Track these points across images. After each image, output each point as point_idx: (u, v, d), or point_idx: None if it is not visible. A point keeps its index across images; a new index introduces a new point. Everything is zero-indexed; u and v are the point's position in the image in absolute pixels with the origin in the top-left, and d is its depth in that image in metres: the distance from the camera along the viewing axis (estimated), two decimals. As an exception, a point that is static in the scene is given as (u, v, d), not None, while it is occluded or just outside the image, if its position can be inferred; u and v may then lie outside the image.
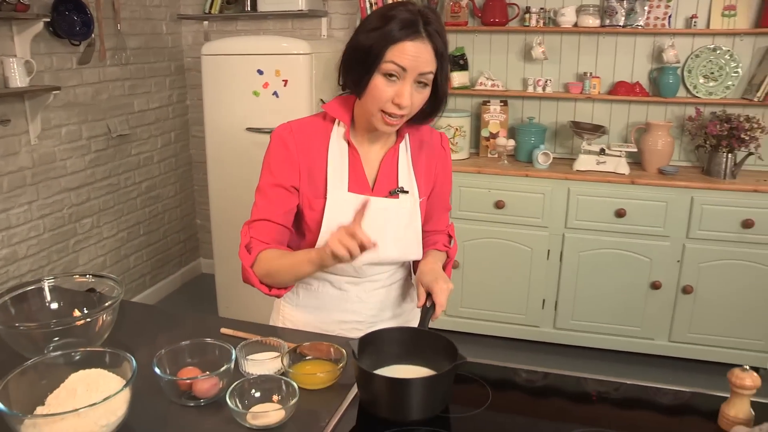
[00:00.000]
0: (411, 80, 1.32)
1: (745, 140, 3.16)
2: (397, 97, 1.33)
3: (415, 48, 1.29)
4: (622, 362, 3.40)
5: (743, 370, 1.10)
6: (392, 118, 1.36)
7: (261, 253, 1.44)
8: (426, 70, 1.32)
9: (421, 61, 1.30)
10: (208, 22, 4.10)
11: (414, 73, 1.31)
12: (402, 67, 1.30)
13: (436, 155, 1.59)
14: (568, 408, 1.29)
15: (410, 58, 1.29)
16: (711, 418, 1.18)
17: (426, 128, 1.56)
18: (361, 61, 1.33)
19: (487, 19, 3.50)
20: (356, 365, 1.20)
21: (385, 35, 1.29)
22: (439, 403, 1.22)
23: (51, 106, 3.15)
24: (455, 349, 1.24)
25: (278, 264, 1.42)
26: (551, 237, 3.33)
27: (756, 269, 3.11)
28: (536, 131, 3.55)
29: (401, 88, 1.32)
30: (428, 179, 1.57)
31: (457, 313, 3.53)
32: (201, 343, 1.31)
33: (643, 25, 3.34)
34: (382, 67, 1.31)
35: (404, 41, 1.29)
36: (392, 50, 1.29)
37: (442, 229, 1.68)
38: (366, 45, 1.32)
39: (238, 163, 3.49)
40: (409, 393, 1.18)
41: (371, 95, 1.35)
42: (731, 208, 3.08)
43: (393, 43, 1.29)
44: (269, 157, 1.49)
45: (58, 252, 3.35)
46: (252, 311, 3.60)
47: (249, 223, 1.49)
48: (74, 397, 1.12)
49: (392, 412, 1.19)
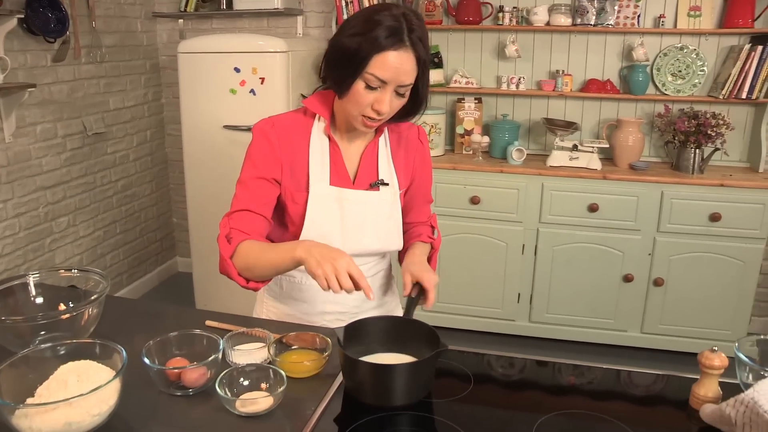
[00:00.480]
0: (391, 89, 1.35)
1: (712, 136, 3.26)
2: (376, 104, 1.36)
3: (398, 58, 1.32)
4: (596, 354, 3.47)
5: (712, 351, 1.16)
6: (371, 121, 1.40)
7: (241, 244, 1.42)
8: (406, 82, 1.35)
9: (402, 72, 1.33)
10: (183, 20, 4.09)
11: (394, 83, 1.34)
12: (382, 80, 1.33)
13: (414, 148, 1.63)
14: (545, 393, 1.34)
15: (392, 70, 1.32)
16: (683, 397, 1.24)
17: (404, 123, 1.60)
18: (343, 64, 1.35)
19: (461, 17, 3.55)
20: (341, 352, 1.24)
21: (368, 42, 1.31)
22: (422, 389, 1.25)
23: (26, 103, 3.13)
24: (437, 337, 1.28)
25: (259, 257, 1.40)
26: (526, 232, 3.40)
27: (723, 261, 3.21)
28: (510, 128, 3.61)
29: (381, 96, 1.35)
30: (407, 172, 1.61)
31: (433, 308, 3.54)
32: (188, 334, 1.33)
33: (614, 24, 3.42)
34: (364, 76, 1.33)
35: (388, 50, 1.31)
36: (375, 60, 1.31)
37: (425, 221, 1.72)
38: (350, 49, 1.33)
39: (215, 161, 3.50)
40: (393, 379, 1.22)
41: (352, 99, 1.38)
42: (699, 202, 3.17)
43: (376, 52, 1.31)
44: (252, 150, 1.50)
45: (34, 251, 3.33)
46: (229, 309, 3.59)
47: (229, 215, 1.48)
48: (65, 387, 1.13)
49: (376, 398, 1.23)
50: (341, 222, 1.50)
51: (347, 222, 1.51)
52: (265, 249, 1.41)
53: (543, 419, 1.19)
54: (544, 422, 1.19)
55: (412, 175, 1.63)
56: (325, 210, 1.49)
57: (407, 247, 1.64)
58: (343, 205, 1.50)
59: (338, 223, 1.50)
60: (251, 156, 1.49)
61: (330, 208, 1.49)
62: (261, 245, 1.42)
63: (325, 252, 1.29)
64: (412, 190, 1.64)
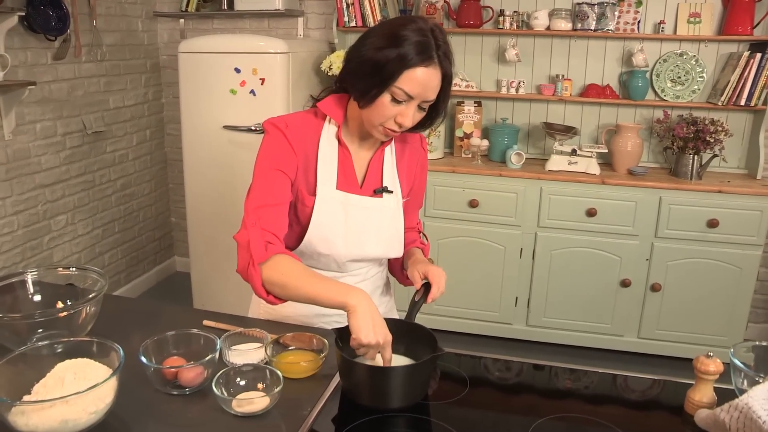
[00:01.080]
0: (416, 104, 1.37)
1: (710, 142, 3.27)
2: (400, 117, 1.37)
3: (427, 76, 1.33)
4: (592, 358, 3.48)
5: (708, 357, 1.17)
6: (392, 132, 1.41)
7: (278, 256, 1.36)
8: (430, 98, 1.37)
9: (429, 88, 1.35)
10: (184, 20, 4.10)
11: (420, 99, 1.36)
12: (410, 95, 1.34)
13: (416, 155, 1.64)
14: (541, 396, 1.34)
15: (420, 86, 1.33)
16: (678, 402, 1.25)
17: None
18: (371, 76, 1.34)
19: (461, 21, 3.56)
20: (338, 353, 1.24)
21: (400, 58, 1.31)
22: (419, 392, 1.26)
23: (25, 101, 3.13)
24: (435, 340, 1.29)
25: (301, 283, 1.34)
26: (524, 236, 3.40)
27: (720, 267, 3.22)
28: (509, 132, 3.61)
29: (405, 110, 1.36)
30: (409, 179, 1.62)
31: (431, 311, 3.58)
32: (186, 333, 1.33)
33: (614, 29, 3.43)
34: (392, 89, 1.34)
35: (418, 67, 1.32)
36: (405, 76, 1.32)
37: (413, 227, 1.72)
38: (378, 62, 1.32)
39: (214, 161, 3.50)
40: (390, 381, 1.22)
41: (376, 110, 1.37)
42: (697, 208, 3.18)
43: (407, 68, 1.31)
44: (268, 143, 1.46)
45: (32, 249, 3.33)
46: (227, 309, 3.59)
47: (256, 210, 1.39)
48: (62, 385, 1.13)
49: (373, 400, 1.23)
50: (345, 226, 1.51)
51: (351, 227, 1.51)
52: (309, 276, 1.35)
53: (538, 423, 1.20)
54: (540, 426, 1.19)
55: (413, 182, 1.64)
56: (331, 213, 1.49)
57: (404, 253, 1.65)
58: (348, 209, 1.50)
59: (342, 228, 1.50)
60: (269, 148, 1.46)
61: (335, 211, 1.49)
62: (302, 268, 1.37)
63: (378, 321, 1.26)
64: (410, 196, 1.66)
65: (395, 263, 1.71)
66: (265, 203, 1.41)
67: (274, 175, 1.43)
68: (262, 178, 1.44)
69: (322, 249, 1.51)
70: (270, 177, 1.43)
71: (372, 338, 1.23)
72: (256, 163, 1.47)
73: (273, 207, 1.41)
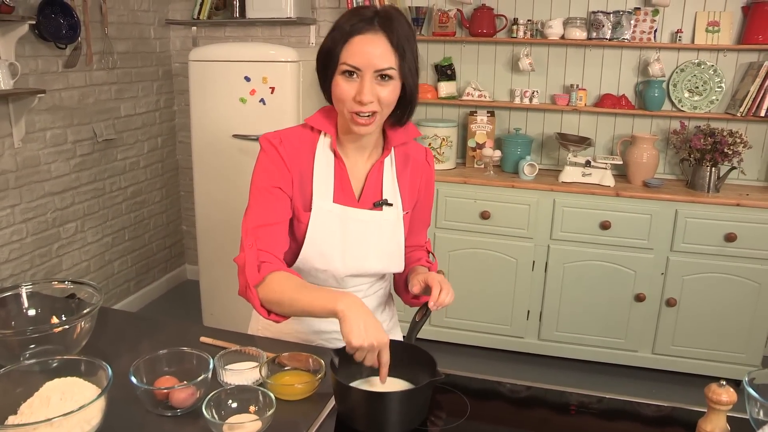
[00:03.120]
0: (369, 76, 1.31)
1: (729, 154, 3.19)
2: (357, 95, 1.32)
3: (366, 42, 1.30)
4: (605, 374, 3.41)
5: (720, 386, 1.11)
6: (361, 117, 1.34)
7: (271, 275, 1.35)
8: (382, 65, 1.31)
9: (375, 56, 1.30)
10: (196, 27, 4.09)
11: (370, 69, 1.31)
12: (355, 66, 1.31)
13: (421, 170, 1.58)
14: (547, 421, 1.29)
15: (361, 54, 1.30)
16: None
17: (412, 143, 1.57)
18: (323, 65, 1.37)
19: (475, 29, 3.52)
20: (333, 377, 1.20)
21: (338, 33, 1.33)
22: (416, 417, 1.21)
23: (36, 109, 3.13)
24: (435, 364, 1.24)
25: (293, 299, 1.31)
26: (536, 248, 3.34)
27: (738, 283, 3.13)
28: (522, 142, 3.56)
29: (360, 85, 1.32)
30: (412, 193, 1.57)
31: (441, 323, 3.53)
32: (179, 352, 1.30)
33: (629, 38, 3.37)
34: (339, 67, 1.33)
35: (354, 36, 1.30)
36: (345, 49, 1.31)
37: (421, 245, 1.67)
38: (325, 48, 1.35)
39: (224, 170, 3.48)
40: (386, 406, 1.18)
41: (336, 97, 1.36)
42: (714, 221, 3.11)
43: (345, 41, 1.31)
44: (263, 160, 1.44)
45: (40, 256, 3.32)
46: (236, 318, 3.59)
47: (253, 231, 1.38)
48: (48, 405, 1.11)
49: (369, 425, 1.19)
50: (342, 240, 1.46)
51: (349, 241, 1.46)
52: (301, 289, 1.32)
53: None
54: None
55: (417, 197, 1.59)
56: (327, 227, 1.45)
57: (408, 270, 1.60)
58: (345, 223, 1.46)
59: (339, 241, 1.46)
60: (265, 166, 1.43)
61: (332, 225, 1.45)
62: (295, 283, 1.34)
63: (370, 323, 1.20)
64: (415, 212, 1.60)
65: (400, 281, 1.65)
66: (263, 223, 1.39)
67: (270, 193, 1.41)
68: (258, 197, 1.42)
69: (319, 264, 1.47)
70: (266, 195, 1.41)
71: (364, 340, 1.18)
72: (252, 181, 1.44)
73: (271, 226, 1.40)
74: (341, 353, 1.25)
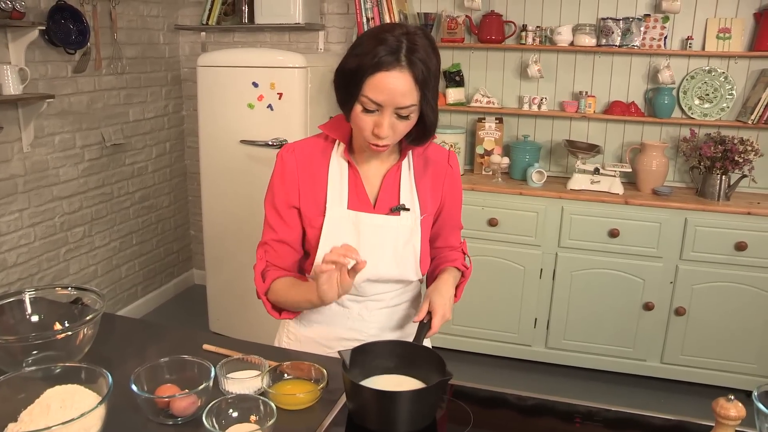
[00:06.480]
0: (389, 112, 1.31)
1: (739, 162, 3.16)
2: (376, 128, 1.32)
3: (391, 80, 1.27)
4: (613, 383, 3.38)
5: (728, 400, 1.09)
6: (376, 146, 1.36)
7: (274, 282, 1.49)
8: (403, 104, 1.30)
9: (397, 94, 1.28)
10: (205, 33, 4.10)
11: (391, 107, 1.30)
12: (377, 103, 1.29)
13: (443, 173, 1.56)
14: (553, 431, 1.28)
15: (385, 92, 1.28)
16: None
17: (432, 146, 1.55)
18: (344, 85, 1.34)
19: (483, 36, 3.51)
20: (345, 377, 1.21)
21: (364, 63, 1.28)
22: (426, 417, 1.22)
23: (44, 113, 3.14)
24: (444, 364, 1.25)
25: (286, 297, 1.48)
26: (544, 256, 3.32)
27: (749, 292, 3.10)
28: (531, 149, 3.54)
29: (380, 120, 1.31)
30: (434, 197, 1.55)
31: (448, 331, 3.51)
32: (180, 359, 1.29)
33: (639, 45, 3.35)
34: (360, 99, 1.31)
35: (380, 72, 1.27)
36: (369, 82, 1.28)
37: (456, 246, 1.66)
38: (349, 70, 1.31)
39: (231, 176, 3.48)
40: (397, 405, 1.19)
41: (354, 124, 1.36)
42: (725, 230, 3.07)
43: (370, 74, 1.28)
44: (273, 176, 1.52)
45: (48, 261, 3.33)
46: (242, 323, 3.59)
47: (264, 245, 1.52)
48: (48, 413, 1.10)
49: (380, 424, 1.20)
50: (358, 246, 1.45)
51: (364, 246, 1.46)
52: (289, 288, 1.48)
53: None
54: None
55: (442, 201, 1.57)
56: (341, 233, 1.46)
57: (439, 272, 1.59)
58: (360, 229, 1.46)
59: (355, 247, 1.46)
60: (273, 182, 1.51)
61: (346, 231, 1.46)
62: (287, 284, 1.49)
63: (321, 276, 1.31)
64: (443, 216, 1.59)
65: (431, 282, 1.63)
66: (271, 238, 1.51)
67: (278, 209, 1.50)
68: (268, 213, 1.52)
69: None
70: (275, 212, 1.50)
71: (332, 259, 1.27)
72: (266, 195, 1.53)
73: (279, 242, 1.51)
74: (353, 354, 1.26)
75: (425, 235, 1.52)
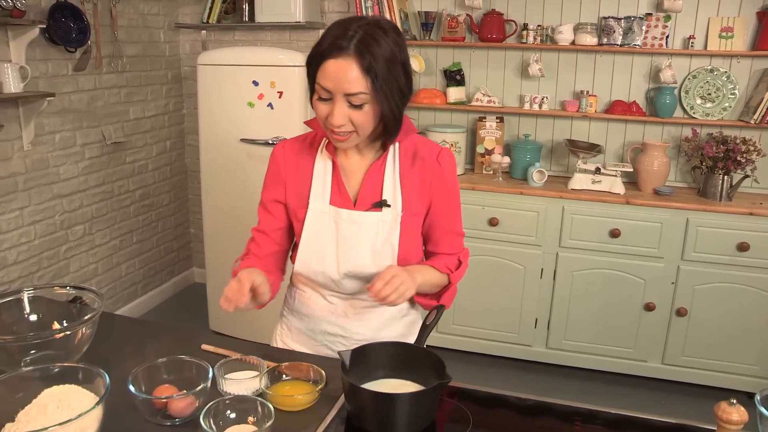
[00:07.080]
0: (340, 99, 1.31)
1: (742, 162, 3.15)
2: (330, 117, 1.33)
3: (336, 67, 1.28)
4: (614, 384, 3.37)
5: (730, 404, 1.08)
6: (338, 135, 1.36)
7: (242, 270, 1.42)
8: (351, 90, 1.29)
9: (343, 80, 1.28)
10: (205, 31, 4.10)
11: (340, 93, 1.30)
12: (327, 90, 1.31)
13: (431, 170, 1.48)
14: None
15: (332, 78, 1.29)
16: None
17: (422, 140, 1.52)
18: (307, 76, 1.38)
19: (484, 35, 3.50)
20: (344, 378, 1.21)
21: (316, 52, 1.32)
22: (425, 419, 1.22)
23: (45, 112, 3.13)
24: (444, 366, 1.25)
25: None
26: (545, 255, 3.31)
27: (751, 293, 3.09)
28: (532, 149, 3.53)
29: (332, 108, 1.32)
30: (423, 194, 1.49)
31: (448, 331, 3.50)
32: (178, 360, 1.29)
33: (641, 44, 3.34)
34: (315, 87, 1.34)
35: (329, 59, 1.29)
36: (320, 70, 1.31)
37: (453, 253, 1.57)
38: (308, 60, 1.36)
39: (231, 174, 3.47)
40: (395, 407, 1.19)
41: (315, 113, 1.39)
42: (727, 230, 3.06)
43: (321, 62, 1.31)
44: (267, 173, 1.58)
45: (48, 259, 3.32)
46: (242, 322, 3.58)
47: (253, 230, 1.60)
48: (44, 414, 1.10)
49: (378, 426, 1.20)
50: (336, 242, 1.47)
51: (342, 241, 1.47)
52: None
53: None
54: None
55: (430, 199, 1.50)
56: (321, 228, 1.48)
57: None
58: (339, 224, 1.47)
59: (333, 242, 1.48)
60: (266, 178, 1.58)
61: (326, 226, 1.48)
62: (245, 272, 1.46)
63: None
64: (432, 216, 1.51)
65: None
66: (256, 228, 1.60)
67: (264, 202, 1.57)
68: (260, 207, 1.59)
69: (315, 266, 1.49)
70: (262, 205, 1.58)
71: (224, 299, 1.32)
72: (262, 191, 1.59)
73: (259, 232, 1.58)
74: (353, 355, 1.26)
75: (408, 232, 1.48)
